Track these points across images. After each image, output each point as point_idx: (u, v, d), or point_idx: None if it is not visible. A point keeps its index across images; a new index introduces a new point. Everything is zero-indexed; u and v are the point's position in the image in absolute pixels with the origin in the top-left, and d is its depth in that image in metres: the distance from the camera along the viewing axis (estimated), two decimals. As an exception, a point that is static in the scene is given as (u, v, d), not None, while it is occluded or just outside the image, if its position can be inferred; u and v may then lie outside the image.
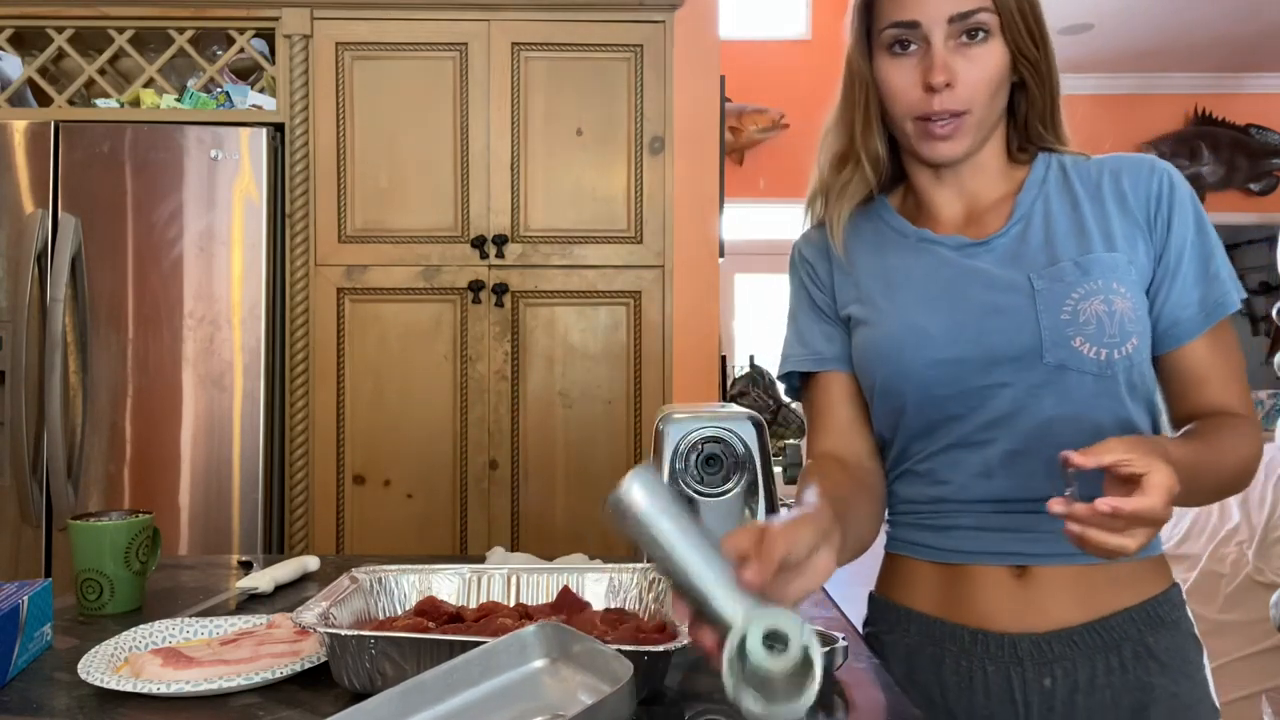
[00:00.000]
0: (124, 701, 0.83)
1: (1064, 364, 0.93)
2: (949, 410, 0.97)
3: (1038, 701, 0.93)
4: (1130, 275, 0.95)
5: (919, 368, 0.97)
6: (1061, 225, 0.98)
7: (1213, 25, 5.16)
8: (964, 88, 0.94)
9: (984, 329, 0.95)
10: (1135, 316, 0.93)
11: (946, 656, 0.98)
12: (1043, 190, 1.01)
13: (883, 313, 1.01)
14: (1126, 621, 0.94)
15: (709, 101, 2.73)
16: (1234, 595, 2.43)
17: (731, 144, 6.90)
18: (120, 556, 1.11)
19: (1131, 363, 0.94)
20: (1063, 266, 0.95)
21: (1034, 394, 0.94)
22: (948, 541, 0.99)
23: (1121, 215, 0.97)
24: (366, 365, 2.29)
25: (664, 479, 0.70)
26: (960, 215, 1.04)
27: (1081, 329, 0.92)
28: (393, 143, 2.29)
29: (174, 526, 2.21)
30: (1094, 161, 1.02)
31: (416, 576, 1.01)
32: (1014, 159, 1.04)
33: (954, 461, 0.98)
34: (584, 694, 0.72)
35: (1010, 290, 0.96)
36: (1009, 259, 0.98)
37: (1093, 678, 0.93)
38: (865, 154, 1.03)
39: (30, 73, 2.34)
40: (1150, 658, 0.93)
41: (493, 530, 2.29)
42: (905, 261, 1.03)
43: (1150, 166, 0.99)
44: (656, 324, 2.30)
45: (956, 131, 0.96)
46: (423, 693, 0.72)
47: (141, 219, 2.22)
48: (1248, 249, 7.07)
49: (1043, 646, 0.94)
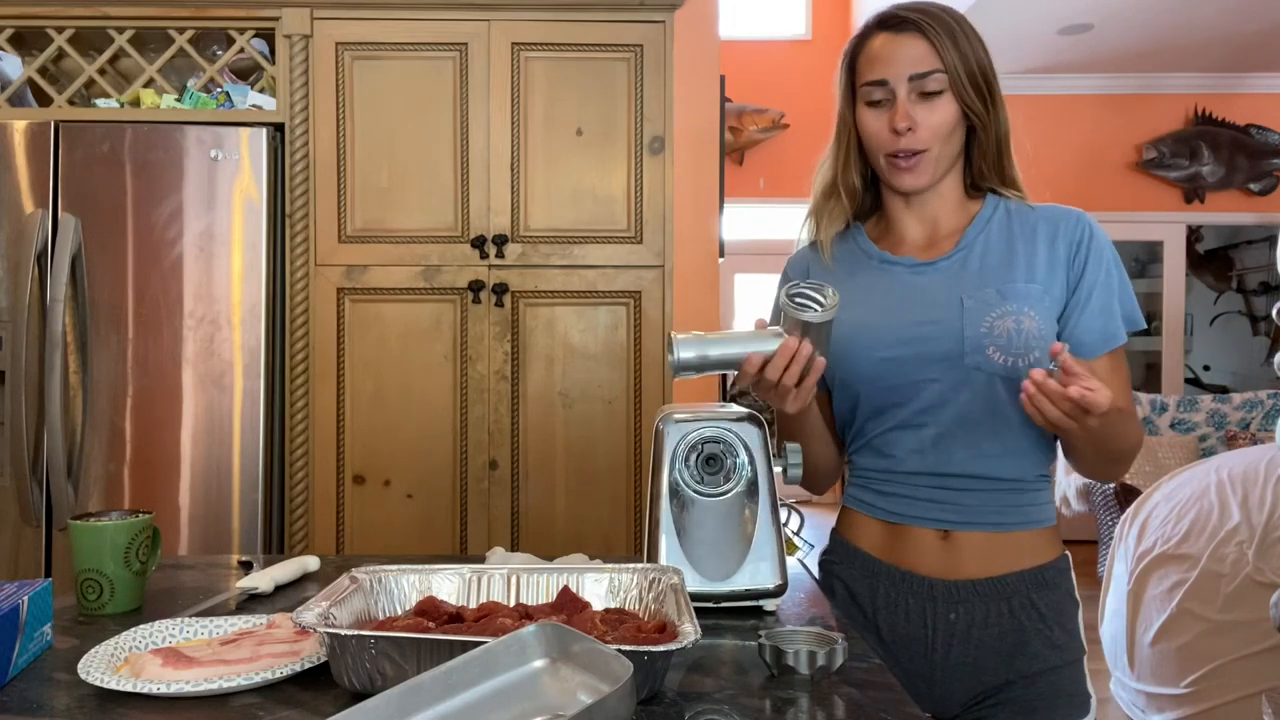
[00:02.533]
0: (124, 701, 0.83)
1: (979, 366, 1.19)
2: (891, 398, 1.24)
3: (943, 628, 1.21)
4: (1043, 303, 1.19)
5: (867, 362, 1.24)
6: (994, 257, 1.23)
7: (1213, 25, 5.16)
8: (923, 130, 1.20)
9: (919, 335, 1.21)
10: (1040, 334, 1.17)
11: (880, 587, 1.25)
12: (986, 227, 1.26)
13: (842, 321, 1.22)
14: (1019, 580, 1.21)
15: (709, 101, 2.73)
16: (1234, 595, 2.43)
17: (731, 144, 6.90)
18: (120, 556, 1.11)
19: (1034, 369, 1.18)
20: (987, 291, 1.20)
21: (956, 389, 1.20)
22: (890, 505, 1.26)
23: (1049, 253, 1.22)
24: (366, 365, 2.29)
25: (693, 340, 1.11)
26: (921, 238, 1.29)
27: (995, 340, 1.18)
28: (393, 143, 2.29)
29: (174, 526, 2.21)
30: (1035, 210, 1.26)
31: (416, 576, 1.01)
32: (970, 194, 1.29)
33: (896, 439, 1.25)
34: (584, 694, 0.72)
35: (945, 306, 1.21)
36: (949, 279, 1.23)
37: (986, 617, 1.20)
38: (843, 187, 1.31)
39: (30, 73, 2.34)
40: (1033, 609, 1.20)
41: (493, 530, 2.29)
42: (869, 280, 1.29)
43: (1077, 219, 1.24)
44: (656, 324, 2.30)
45: (917, 165, 1.22)
46: (422, 693, 0.72)
47: (141, 219, 2.23)
48: (1248, 249, 7.07)
49: (952, 590, 1.21)
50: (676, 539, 1.13)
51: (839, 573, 1.31)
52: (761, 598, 1.12)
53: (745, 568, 1.12)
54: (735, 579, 1.11)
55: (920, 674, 1.22)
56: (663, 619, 0.91)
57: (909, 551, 1.24)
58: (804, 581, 1.29)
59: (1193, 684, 2.44)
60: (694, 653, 0.95)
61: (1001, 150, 1.26)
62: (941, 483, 1.22)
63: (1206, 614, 2.47)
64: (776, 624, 1.08)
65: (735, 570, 1.12)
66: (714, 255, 2.75)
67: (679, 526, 1.13)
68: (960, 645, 1.20)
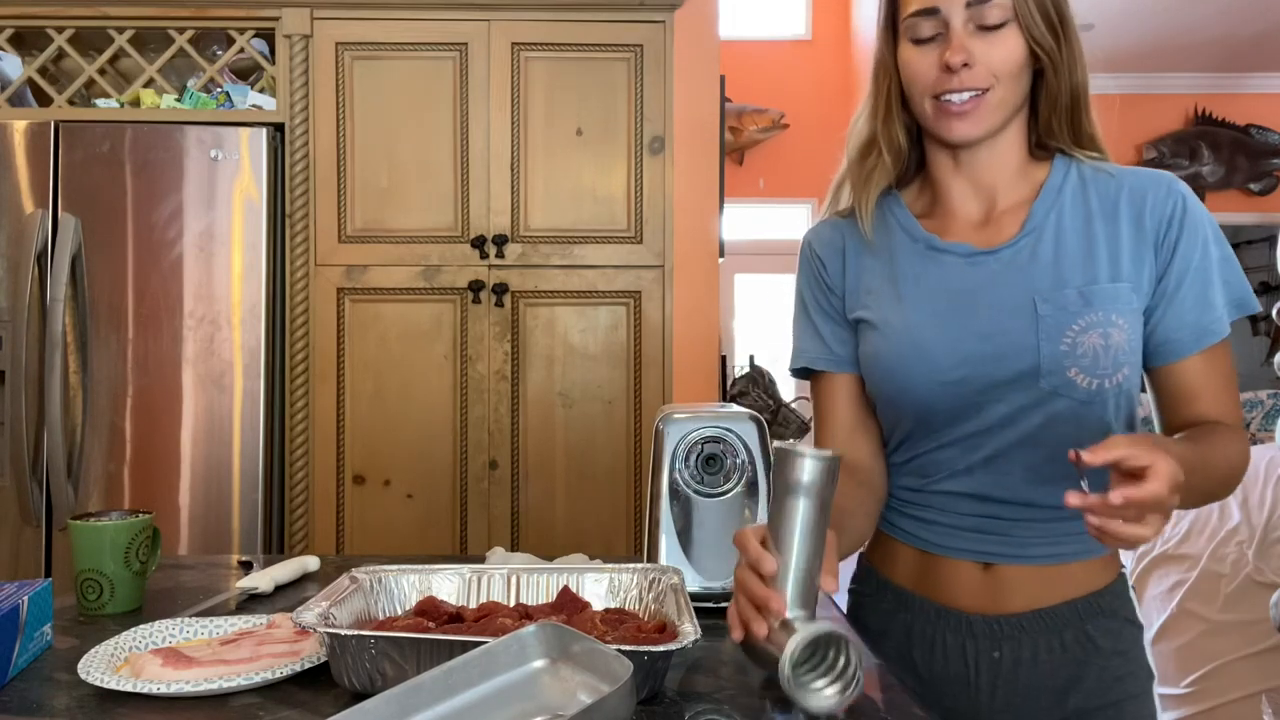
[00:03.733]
0: (124, 701, 0.83)
1: (1057, 390, 0.99)
2: (945, 420, 1.05)
3: (986, 667, 1.05)
4: (1131, 304, 0.99)
5: (922, 387, 1.03)
6: (1071, 243, 1.01)
7: (1213, 25, 5.16)
8: (982, 68, 0.98)
9: (986, 354, 1.01)
10: (1130, 348, 0.98)
11: (915, 623, 1.09)
12: (1058, 201, 1.03)
13: (890, 325, 1.06)
14: (1070, 611, 1.04)
15: (709, 101, 2.73)
16: (1234, 595, 2.43)
17: (731, 144, 6.90)
18: (120, 556, 1.11)
19: (1120, 390, 1.00)
20: (1067, 294, 0.99)
21: (1024, 412, 1.01)
22: (927, 534, 1.09)
23: (1135, 236, 1.00)
24: (366, 365, 2.29)
25: (823, 472, 0.81)
26: (976, 213, 1.07)
27: (1078, 360, 0.98)
28: (393, 143, 2.29)
29: (174, 526, 2.21)
30: (1114, 177, 1.03)
31: (416, 576, 1.01)
32: (1034, 156, 1.07)
33: (942, 459, 1.07)
34: (583, 694, 0.72)
35: (1014, 312, 1.00)
36: (1016, 273, 1.01)
37: (1035, 654, 1.04)
38: (885, 142, 1.08)
39: (30, 73, 2.34)
40: (1088, 641, 1.03)
41: (493, 530, 2.29)
42: (913, 269, 1.07)
43: (1168, 189, 1.01)
44: (656, 324, 2.30)
45: (975, 110, 0.99)
46: (422, 693, 0.72)
47: (141, 219, 2.22)
48: (1248, 249, 7.07)
49: (994, 627, 1.05)
50: (676, 539, 1.13)
51: (869, 608, 1.16)
52: (761, 598, 1.12)
53: (745, 568, 1.12)
54: (735, 579, 1.11)
55: (965, 714, 1.06)
56: (663, 619, 0.91)
57: (944, 584, 1.07)
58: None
59: (1193, 684, 2.44)
60: (694, 653, 0.95)
61: (1076, 100, 1.02)
62: (989, 510, 1.04)
63: (1206, 614, 2.47)
64: (776, 624, 1.07)
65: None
66: (714, 255, 2.75)
67: (679, 526, 1.13)
68: (1006, 685, 1.04)
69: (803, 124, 7.18)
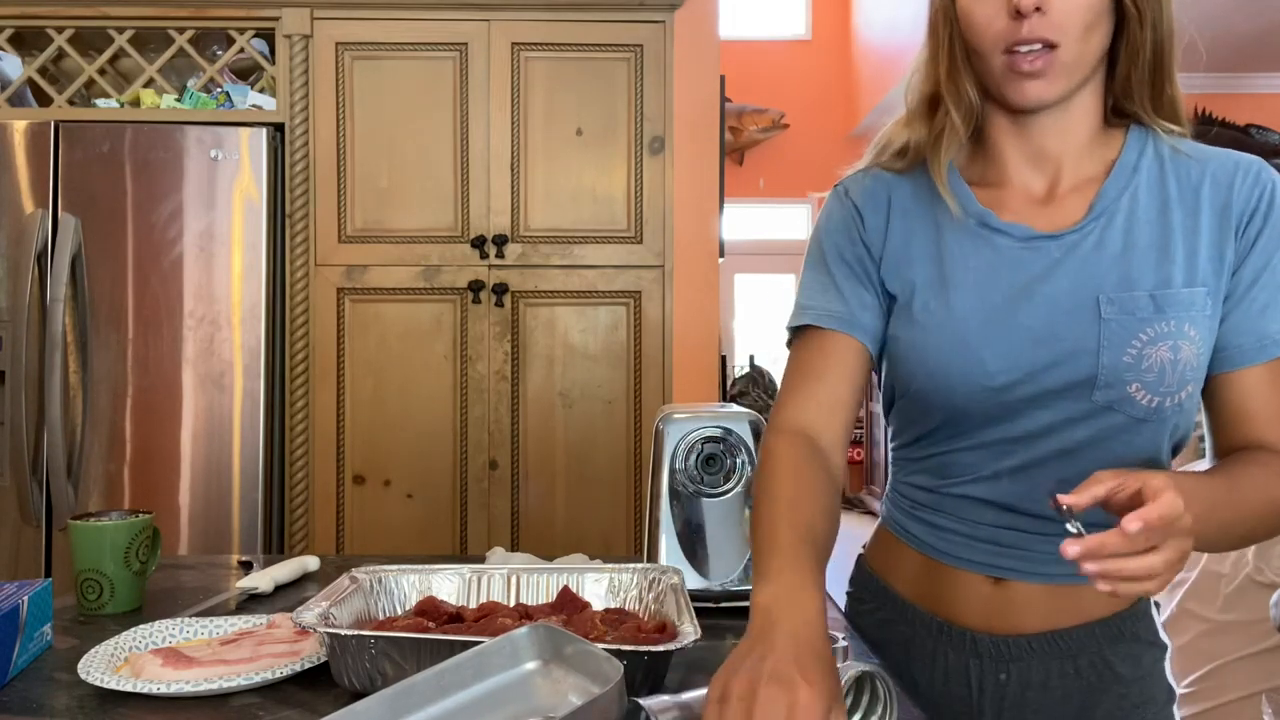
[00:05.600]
0: (124, 701, 0.83)
1: (1113, 405, 0.88)
2: (979, 423, 0.93)
3: (991, 690, 0.97)
4: (1205, 311, 0.87)
5: (961, 390, 0.92)
6: (1145, 234, 0.89)
7: (1213, 25, 5.16)
8: (1057, 13, 0.83)
9: (1039, 361, 0.89)
10: (1199, 364, 0.87)
11: (915, 637, 1.01)
12: (1132, 182, 0.91)
13: (933, 315, 0.93)
14: (1087, 635, 0.95)
15: (709, 101, 2.73)
16: (1234, 595, 2.43)
17: (731, 144, 6.90)
18: (120, 556, 1.11)
19: (1182, 408, 0.89)
20: (1137, 297, 0.87)
21: (1071, 424, 0.90)
22: (937, 541, 0.99)
23: (1217, 230, 0.88)
24: (366, 365, 2.29)
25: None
26: (1039, 188, 0.93)
27: (1141, 375, 0.86)
28: (393, 143, 2.29)
29: (174, 526, 2.21)
30: (1196, 159, 0.91)
31: (416, 576, 1.01)
32: (1108, 125, 0.94)
33: (966, 461, 0.96)
34: (576, 696, 0.72)
35: (1074, 312, 0.88)
36: (1079, 264, 0.89)
37: (1046, 679, 0.95)
38: (953, 98, 0.92)
39: (30, 73, 2.34)
40: (1105, 667, 0.95)
41: (493, 530, 2.29)
42: (963, 249, 0.93)
43: (1256, 176, 0.90)
44: (656, 324, 2.30)
45: (1048, 68, 0.85)
46: (414, 695, 0.72)
47: (141, 219, 2.23)
48: (1248, 249, 7.07)
49: (1002, 647, 0.96)
50: (676, 539, 1.13)
51: (867, 617, 1.08)
52: (761, 598, 1.11)
53: (745, 568, 1.12)
54: (735, 579, 1.11)
55: None
56: (663, 619, 0.91)
57: (949, 597, 0.98)
58: (804, 581, 1.28)
59: (1193, 684, 2.44)
60: (694, 653, 0.95)
61: (1160, 56, 0.89)
62: (1009, 521, 0.94)
63: (1206, 614, 2.47)
64: (776, 624, 1.07)
65: (735, 570, 1.12)
66: (714, 255, 2.75)
67: (679, 526, 1.13)
68: (1013, 710, 0.96)
69: (803, 124, 7.19)
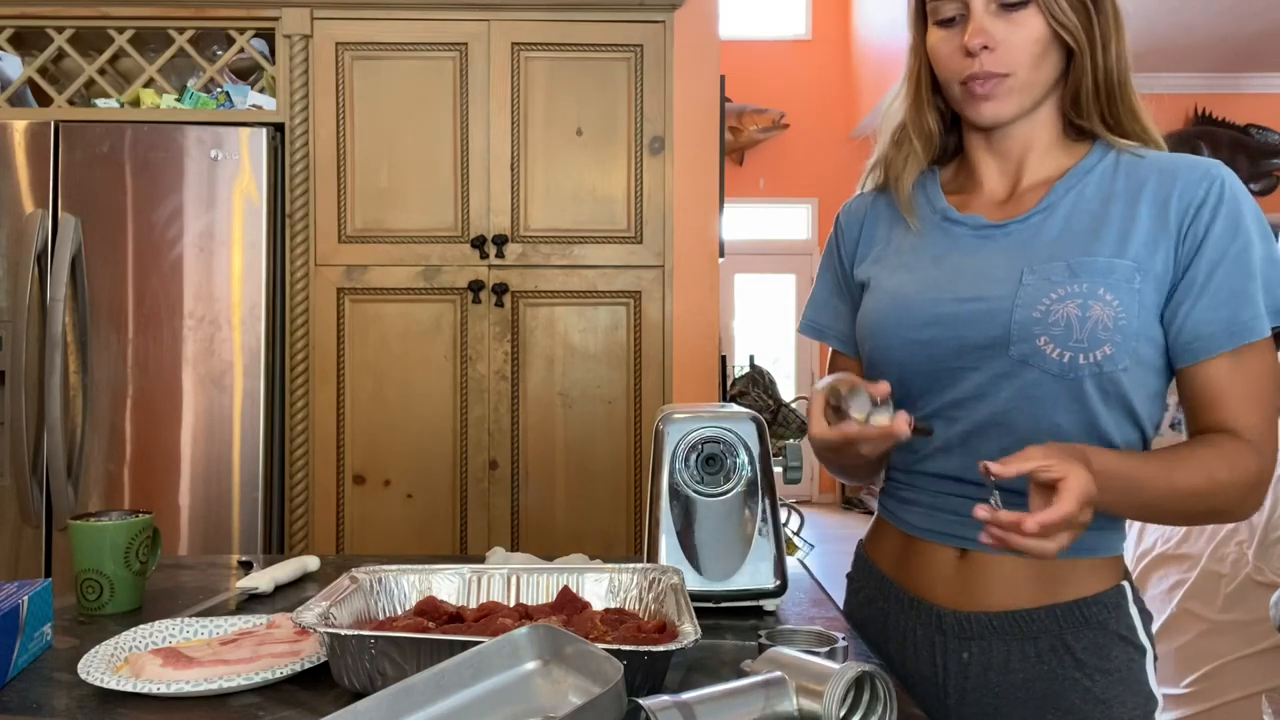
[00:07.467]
0: (124, 701, 0.83)
1: (1026, 359, 0.96)
2: (923, 385, 1.04)
3: (955, 669, 1.02)
4: (1131, 282, 0.94)
5: (897, 344, 1.05)
6: (1081, 222, 0.99)
7: (1213, 25, 5.16)
8: (1004, 51, 0.97)
9: (957, 315, 1.00)
10: (1115, 327, 0.93)
11: (890, 613, 1.09)
12: (1082, 182, 1.01)
13: (881, 287, 1.08)
14: (1047, 617, 0.98)
15: (709, 101, 2.73)
16: (1234, 595, 2.43)
17: (731, 144, 6.90)
18: (120, 556, 1.11)
19: (1101, 370, 0.94)
20: (1056, 265, 0.97)
21: (996, 383, 0.98)
22: (907, 514, 1.09)
23: (1156, 218, 0.96)
24: (366, 365, 2.29)
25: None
26: (1001, 190, 1.06)
27: (1049, 329, 0.95)
28: (393, 143, 2.29)
29: (174, 526, 2.21)
30: (1149, 160, 1.00)
31: (416, 576, 1.01)
32: (1075, 139, 1.05)
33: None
34: (575, 696, 0.72)
35: (1001, 281, 0.99)
36: (1017, 247, 1.00)
37: (1007, 660, 0.99)
38: (915, 131, 1.09)
39: (30, 73, 2.34)
40: (1066, 653, 0.97)
41: (493, 530, 2.29)
42: (924, 240, 1.08)
43: (1204, 173, 0.96)
44: (656, 324, 2.30)
45: (999, 91, 0.99)
46: (413, 695, 0.72)
47: (141, 219, 2.23)
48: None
49: (964, 624, 1.01)
50: (676, 539, 1.13)
51: (855, 594, 1.16)
52: (761, 598, 1.12)
53: (745, 568, 1.12)
54: (735, 579, 1.11)
55: (934, 718, 1.01)
56: (663, 619, 0.91)
57: (920, 572, 1.05)
58: (804, 581, 1.28)
59: (1193, 684, 2.44)
60: (694, 653, 0.95)
61: (1111, 84, 1.00)
62: (966, 490, 1.01)
63: (1206, 614, 2.47)
64: (776, 624, 1.08)
65: (735, 570, 1.12)
66: (714, 255, 2.75)
67: (679, 526, 1.13)
68: (976, 691, 1.00)
69: (803, 124, 7.19)
